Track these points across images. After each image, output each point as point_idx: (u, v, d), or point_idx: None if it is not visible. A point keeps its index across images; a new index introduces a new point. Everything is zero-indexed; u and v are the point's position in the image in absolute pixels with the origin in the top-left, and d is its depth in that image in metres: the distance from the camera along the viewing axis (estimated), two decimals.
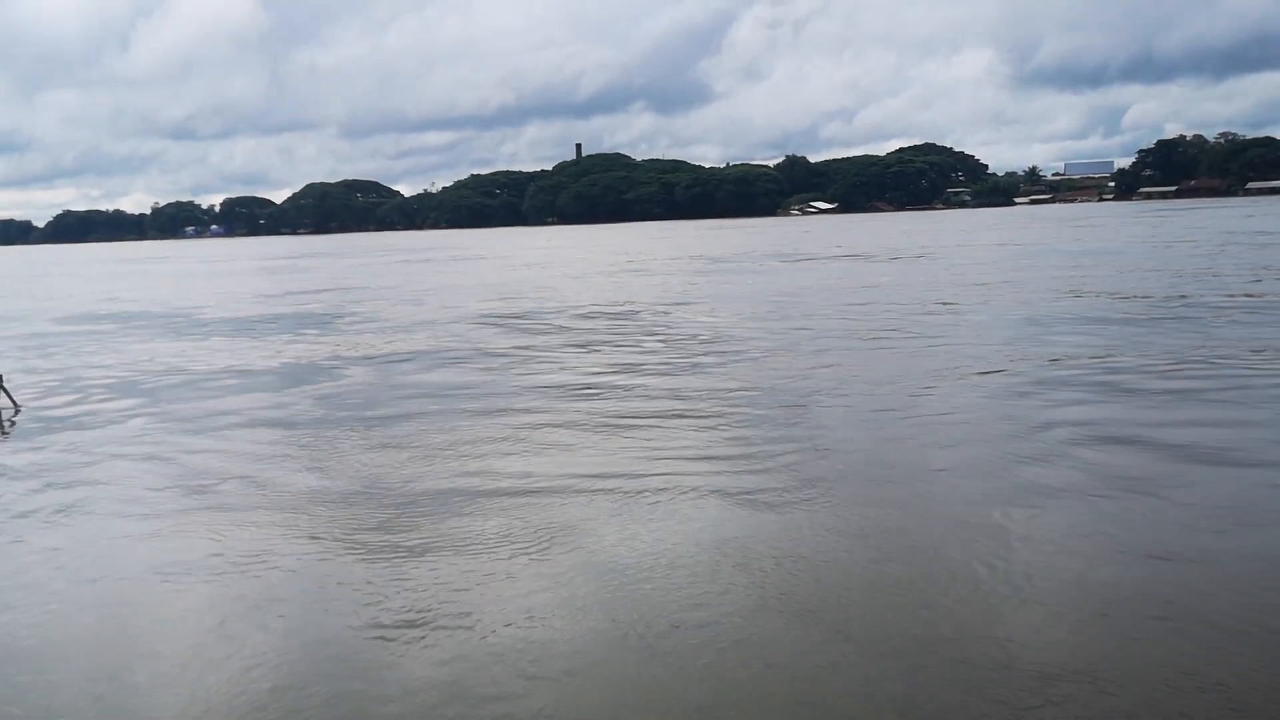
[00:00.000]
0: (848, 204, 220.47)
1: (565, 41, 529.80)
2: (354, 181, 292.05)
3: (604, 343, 20.48)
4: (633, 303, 29.27)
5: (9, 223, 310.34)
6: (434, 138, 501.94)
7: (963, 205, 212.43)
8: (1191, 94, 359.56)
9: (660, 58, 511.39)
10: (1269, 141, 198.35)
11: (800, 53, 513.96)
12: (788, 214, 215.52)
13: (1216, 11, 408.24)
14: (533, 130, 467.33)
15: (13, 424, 14.23)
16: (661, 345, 19.68)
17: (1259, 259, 36.01)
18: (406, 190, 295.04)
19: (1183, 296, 24.52)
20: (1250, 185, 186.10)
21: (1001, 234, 71.56)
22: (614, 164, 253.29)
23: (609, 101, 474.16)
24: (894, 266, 41.66)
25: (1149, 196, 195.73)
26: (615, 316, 25.70)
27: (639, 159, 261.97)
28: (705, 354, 18.22)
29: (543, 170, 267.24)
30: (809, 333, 20.75)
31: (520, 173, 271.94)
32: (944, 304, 25.32)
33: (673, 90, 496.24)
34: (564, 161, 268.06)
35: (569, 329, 23.23)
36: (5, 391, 15.44)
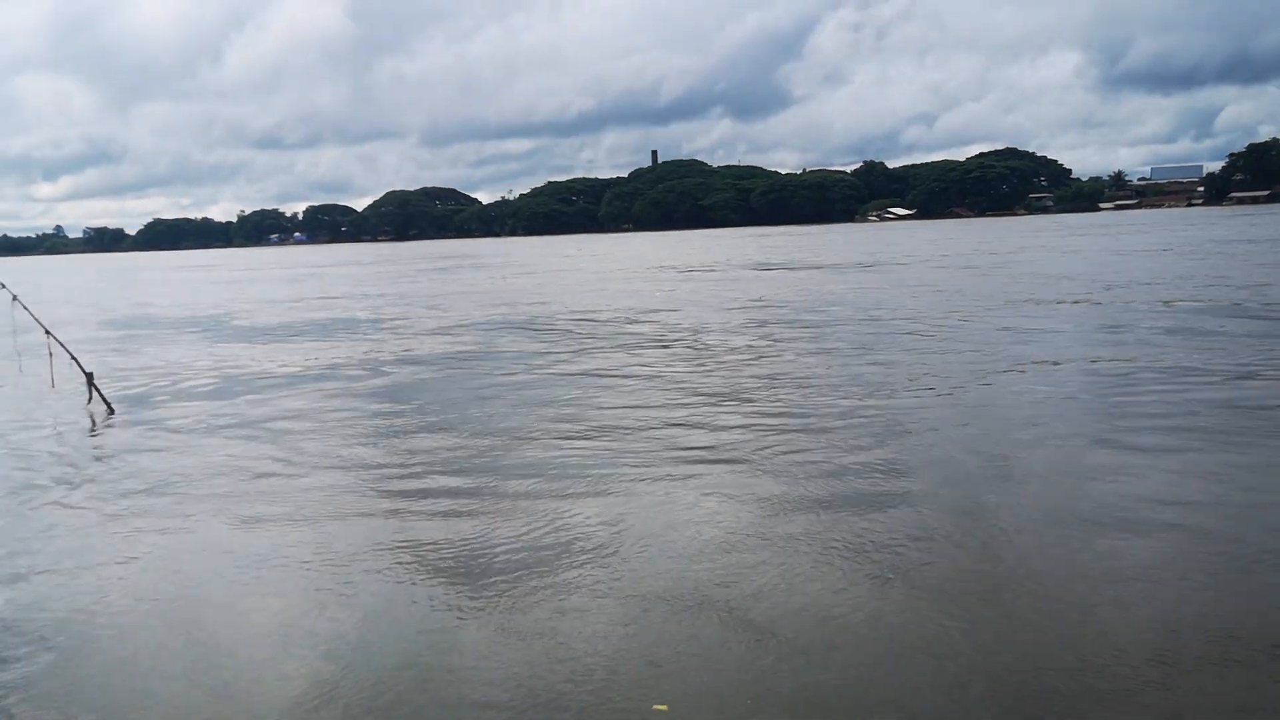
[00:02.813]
0: (926, 210, 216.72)
1: (648, 48, 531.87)
2: (433, 189, 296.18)
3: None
4: (607, 309, 29.79)
5: (103, 231, 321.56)
6: (514, 145, 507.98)
7: (1045, 211, 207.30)
8: None
9: (741, 63, 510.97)
10: None
11: (883, 57, 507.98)
12: (865, 220, 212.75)
13: None
14: (611, 137, 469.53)
15: (109, 425, 14.46)
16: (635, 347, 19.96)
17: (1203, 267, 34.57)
18: (485, 198, 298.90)
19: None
20: None
21: (1015, 240, 70.54)
22: (690, 170, 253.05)
23: (688, 108, 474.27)
24: (867, 276, 41.47)
25: (1240, 201, 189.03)
26: (600, 321, 26.06)
27: (715, 165, 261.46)
28: (663, 357, 18.46)
29: (619, 177, 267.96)
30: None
31: (597, 180, 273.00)
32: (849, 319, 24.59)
33: (752, 96, 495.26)
34: (640, 168, 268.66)
35: (555, 330, 23.92)
36: (98, 391, 15.75)
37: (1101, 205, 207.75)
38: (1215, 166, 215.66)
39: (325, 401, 15.47)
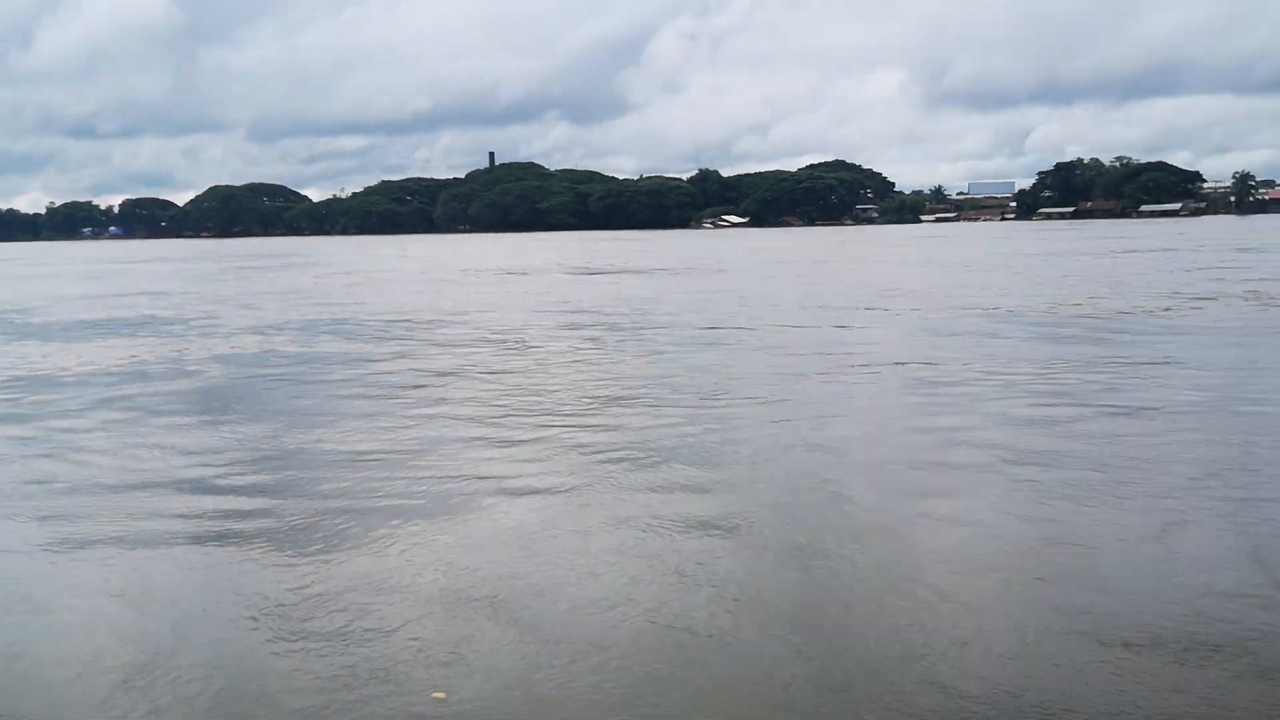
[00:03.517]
0: (759, 218, 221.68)
1: (486, 49, 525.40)
2: (260, 185, 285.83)
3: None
4: (418, 311, 29.66)
5: None
6: (347, 142, 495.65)
7: (871, 221, 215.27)
8: (1093, 118, 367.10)
9: (579, 68, 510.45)
10: (1162, 166, 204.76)
11: (719, 66, 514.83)
12: (700, 227, 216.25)
13: (1119, 39, 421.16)
14: (448, 137, 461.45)
15: None
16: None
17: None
18: (316, 195, 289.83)
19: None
20: (1144, 208, 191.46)
21: (828, 249, 73.72)
22: (527, 173, 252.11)
23: (525, 110, 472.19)
24: (684, 281, 42.63)
25: (1048, 217, 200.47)
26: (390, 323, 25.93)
27: (553, 169, 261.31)
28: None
29: (455, 178, 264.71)
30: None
31: (432, 180, 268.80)
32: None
33: (590, 101, 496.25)
34: (477, 170, 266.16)
35: (364, 334, 23.63)
36: None
37: (923, 218, 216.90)
38: (1027, 183, 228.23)
39: (124, 408, 14.92)
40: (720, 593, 6.93)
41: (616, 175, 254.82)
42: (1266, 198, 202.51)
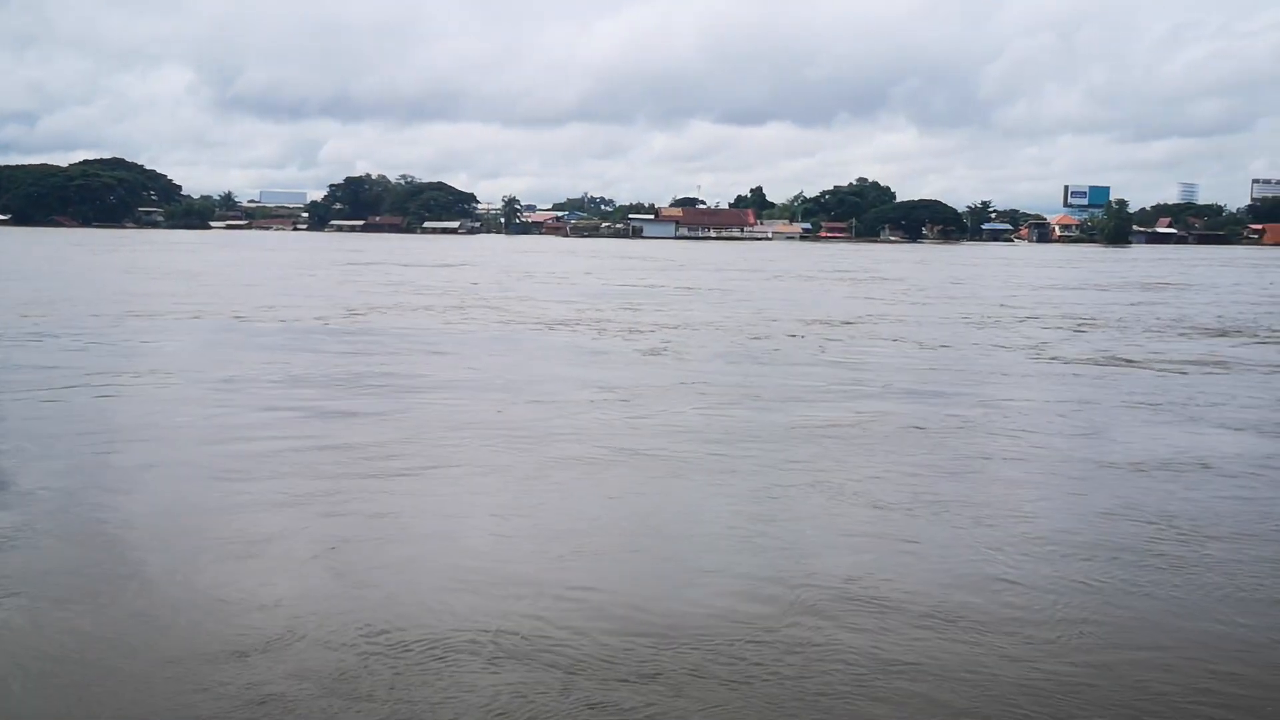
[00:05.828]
0: (25, 217, 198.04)
1: None
2: None
3: None
4: None
5: None
6: None
7: (155, 225, 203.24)
8: (381, 136, 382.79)
9: None
10: (443, 186, 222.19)
11: None
12: None
13: (404, 64, 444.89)
14: None
15: None
16: None
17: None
18: None
19: None
20: (427, 224, 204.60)
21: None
22: None
23: None
24: None
25: (340, 229, 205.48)
26: None
27: None
28: None
29: None
30: None
31: None
32: None
33: None
34: None
35: None
36: None
37: (213, 224, 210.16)
38: (319, 194, 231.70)
39: None
40: None
41: None
42: (529, 220, 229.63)
